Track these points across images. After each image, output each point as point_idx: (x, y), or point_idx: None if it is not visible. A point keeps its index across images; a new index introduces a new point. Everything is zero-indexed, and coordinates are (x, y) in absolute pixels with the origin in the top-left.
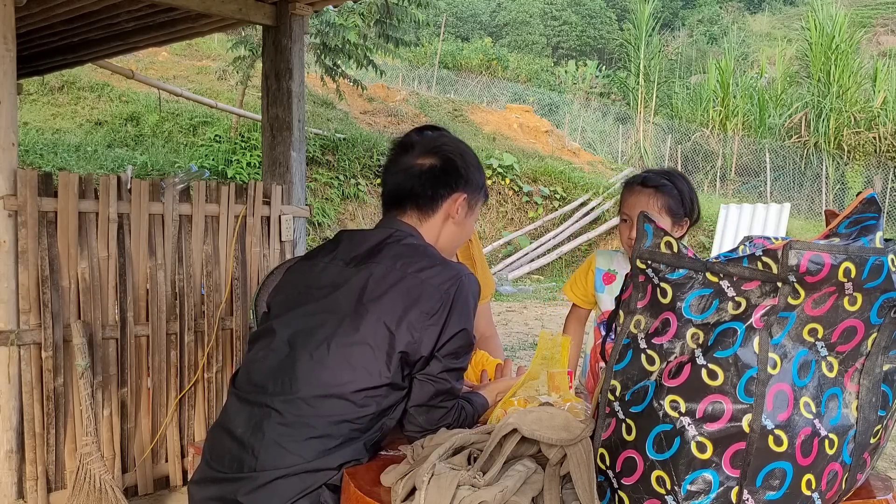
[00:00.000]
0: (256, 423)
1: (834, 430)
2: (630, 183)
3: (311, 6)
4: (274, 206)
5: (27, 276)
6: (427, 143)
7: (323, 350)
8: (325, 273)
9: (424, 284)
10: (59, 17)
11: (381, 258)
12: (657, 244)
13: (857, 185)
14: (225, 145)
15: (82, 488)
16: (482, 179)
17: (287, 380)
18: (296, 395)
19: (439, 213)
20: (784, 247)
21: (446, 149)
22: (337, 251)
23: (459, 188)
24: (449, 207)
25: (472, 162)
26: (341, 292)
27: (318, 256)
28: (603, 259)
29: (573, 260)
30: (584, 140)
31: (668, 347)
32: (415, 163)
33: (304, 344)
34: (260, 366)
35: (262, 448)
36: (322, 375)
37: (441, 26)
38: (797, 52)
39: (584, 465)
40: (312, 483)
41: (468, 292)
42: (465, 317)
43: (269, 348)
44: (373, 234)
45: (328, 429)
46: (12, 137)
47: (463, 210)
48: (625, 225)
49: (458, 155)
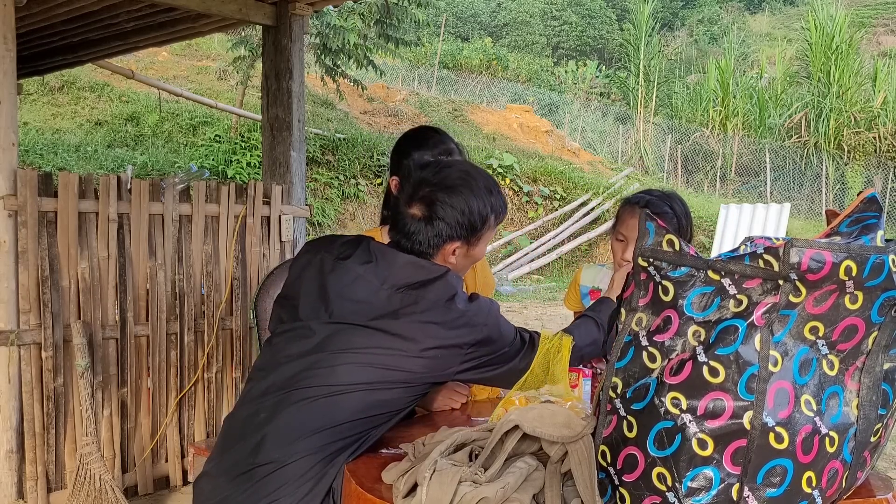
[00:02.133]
0: (269, 413)
1: (834, 427)
2: (632, 203)
3: (311, 6)
4: (274, 206)
5: (27, 276)
6: (417, 189)
7: (348, 356)
8: (359, 285)
9: (458, 313)
10: (59, 17)
11: (425, 293)
12: (659, 242)
13: (857, 185)
14: (225, 145)
15: (82, 488)
16: (480, 218)
17: (308, 375)
18: (315, 387)
19: (437, 257)
20: (785, 245)
21: (431, 200)
22: (373, 265)
23: (452, 241)
24: (443, 256)
25: (463, 207)
26: (373, 310)
27: (351, 261)
28: (587, 275)
29: (573, 260)
30: (584, 140)
31: (669, 345)
32: (406, 210)
33: (336, 345)
34: (288, 357)
35: (275, 436)
36: (344, 376)
37: (441, 26)
38: (797, 52)
39: (585, 463)
40: (320, 474)
41: (494, 316)
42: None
43: (299, 342)
44: (407, 264)
45: (338, 422)
46: (12, 137)
47: (461, 252)
48: (620, 244)
49: (440, 208)
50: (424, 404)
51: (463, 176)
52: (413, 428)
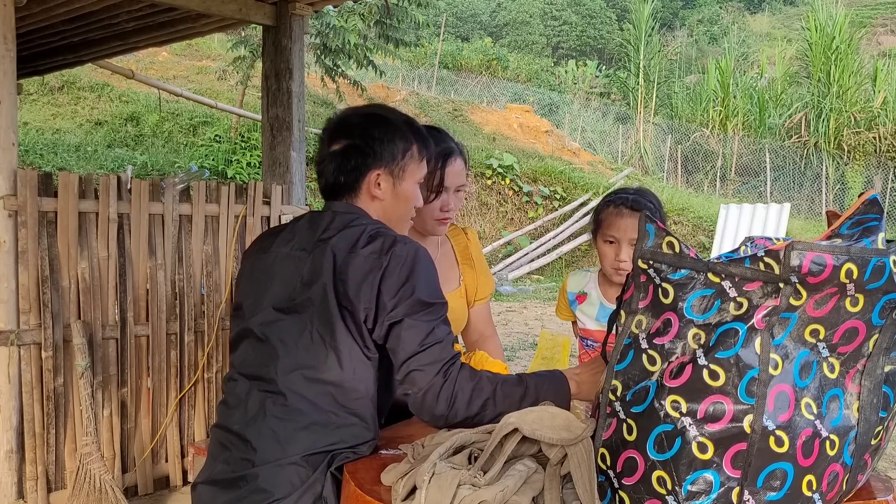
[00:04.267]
0: (252, 417)
1: (835, 431)
2: (614, 204)
3: (311, 6)
4: (274, 206)
5: (27, 276)
6: (333, 128)
7: (306, 340)
8: (287, 263)
9: (367, 260)
10: (59, 17)
11: (334, 245)
12: (659, 244)
13: (857, 185)
14: (225, 145)
15: (82, 488)
16: (402, 146)
17: (274, 372)
18: (286, 387)
19: (363, 194)
20: (786, 247)
21: (349, 129)
22: (295, 240)
23: (370, 168)
24: (368, 188)
25: (381, 135)
26: (306, 282)
27: (276, 246)
28: (573, 281)
29: (573, 260)
30: (584, 140)
31: (669, 348)
32: (327, 151)
33: (287, 337)
34: (247, 363)
35: (260, 441)
36: (309, 363)
37: (441, 26)
38: (797, 52)
39: (584, 465)
40: (311, 472)
41: (404, 256)
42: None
43: (252, 346)
44: (322, 218)
45: (322, 416)
46: (12, 137)
47: (387, 185)
48: (611, 247)
49: (358, 133)
50: None
51: (381, 108)
52: (412, 428)
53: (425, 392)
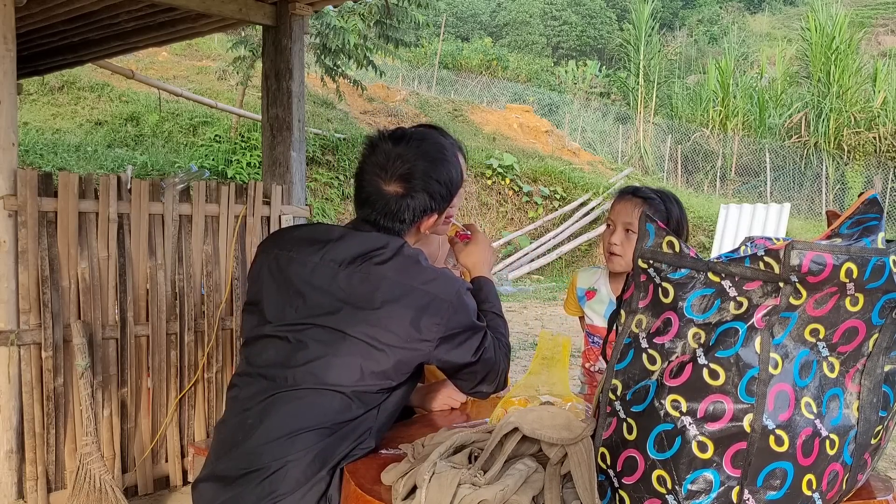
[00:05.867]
0: (262, 414)
1: (835, 430)
2: (623, 192)
3: (311, 6)
4: (274, 206)
5: (27, 276)
6: (396, 167)
7: (330, 347)
8: (318, 273)
9: (432, 296)
10: (59, 17)
11: (384, 269)
12: (659, 244)
13: (857, 185)
14: (225, 145)
15: (82, 488)
16: (456, 185)
17: (291, 372)
18: (301, 387)
19: (411, 232)
20: (786, 247)
21: (410, 176)
22: (326, 250)
23: (427, 214)
24: (419, 226)
25: (444, 180)
26: (338, 296)
27: (305, 254)
28: (583, 278)
29: (573, 260)
30: (584, 140)
31: (669, 347)
32: (384, 188)
33: (311, 343)
34: (264, 361)
35: (269, 438)
36: (327, 368)
37: (441, 26)
38: (797, 52)
39: (584, 465)
40: (317, 470)
41: (468, 302)
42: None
43: (273, 346)
44: (364, 239)
45: (333, 417)
46: (12, 137)
47: (434, 224)
48: (607, 231)
49: (422, 187)
50: (424, 404)
51: (439, 147)
52: (412, 428)
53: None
